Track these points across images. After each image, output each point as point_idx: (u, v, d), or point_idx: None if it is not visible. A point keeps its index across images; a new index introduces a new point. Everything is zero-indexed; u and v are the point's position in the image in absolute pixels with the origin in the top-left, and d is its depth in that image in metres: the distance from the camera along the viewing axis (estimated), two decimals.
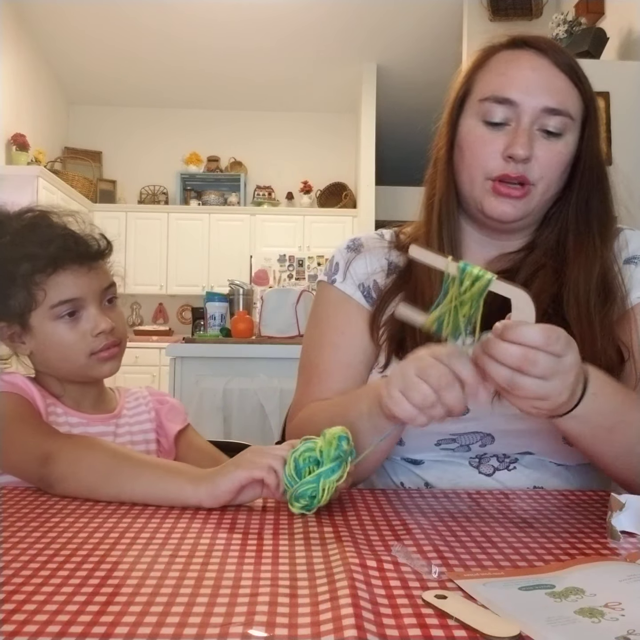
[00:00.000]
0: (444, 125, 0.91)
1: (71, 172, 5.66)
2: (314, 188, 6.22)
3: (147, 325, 5.99)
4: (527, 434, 0.83)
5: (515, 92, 0.82)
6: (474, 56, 0.90)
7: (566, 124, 0.83)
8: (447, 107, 0.91)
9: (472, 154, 0.85)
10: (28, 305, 0.88)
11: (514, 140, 0.81)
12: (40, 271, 0.87)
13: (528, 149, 0.81)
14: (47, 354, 0.91)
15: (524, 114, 0.82)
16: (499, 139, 0.83)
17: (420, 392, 0.63)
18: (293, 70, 5.57)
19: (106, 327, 0.91)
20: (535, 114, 0.82)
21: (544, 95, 0.81)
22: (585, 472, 0.87)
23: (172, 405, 1.05)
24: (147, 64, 5.49)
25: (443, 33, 4.71)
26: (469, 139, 0.86)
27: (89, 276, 0.91)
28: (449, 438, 0.85)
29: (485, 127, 0.84)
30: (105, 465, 0.73)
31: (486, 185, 0.85)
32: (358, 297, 0.94)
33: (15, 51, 4.89)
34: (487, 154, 0.84)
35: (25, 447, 0.78)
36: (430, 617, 0.45)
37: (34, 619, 0.44)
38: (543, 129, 0.82)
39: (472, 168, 0.85)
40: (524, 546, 0.60)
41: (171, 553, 0.57)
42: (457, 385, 0.63)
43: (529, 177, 0.82)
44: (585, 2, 3.14)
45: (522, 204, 0.84)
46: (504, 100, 0.82)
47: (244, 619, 0.44)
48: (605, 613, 0.45)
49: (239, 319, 2.72)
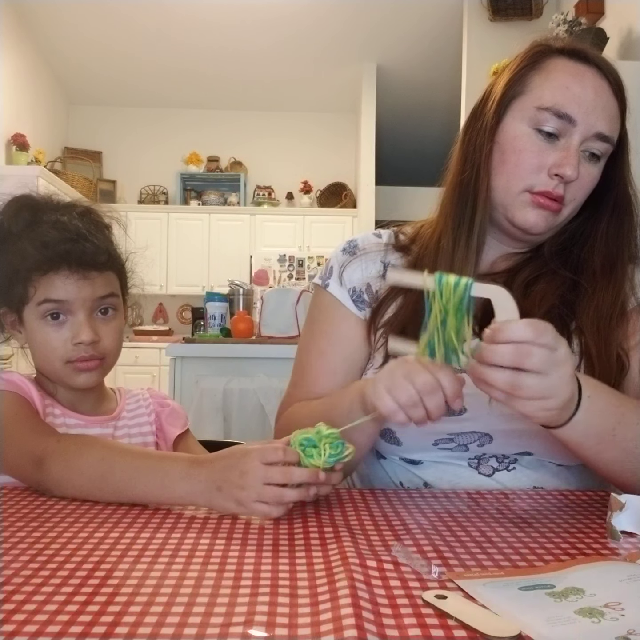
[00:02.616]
0: (486, 121, 0.86)
1: (71, 172, 5.66)
2: (314, 188, 6.22)
3: (147, 325, 5.99)
4: (525, 434, 0.83)
5: (578, 111, 0.81)
6: (525, 53, 0.86)
7: (607, 151, 0.84)
8: (492, 102, 0.86)
9: (517, 161, 0.83)
10: (22, 299, 0.89)
11: (566, 160, 0.80)
12: (37, 269, 0.88)
13: (576, 172, 0.80)
14: (33, 350, 0.92)
15: (578, 134, 0.81)
16: (549, 154, 0.82)
17: (405, 392, 0.66)
18: (293, 70, 5.57)
19: (86, 339, 0.88)
20: (588, 136, 0.81)
21: (601, 121, 0.81)
22: (584, 472, 0.87)
23: (172, 409, 1.05)
24: (147, 64, 5.49)
25: (443, 33, 4.71)
26: (515, 145, 0.83)
27: (81, 283, 0.88)
28: (446, 438, 0.85)
29: (537, 136, 0.82)
30: (97, 473, 0.72)
31: (523, 197, 0.83)
32: (349, 303, 0.94)
33: (15, 51, 4.89)
34: (534, 165, 0.82)
35: (21, 450, 0.77)
36: (431, 617, 0.45)
37: (34, 619, 0.44)
38: (588, 150, 0.82)
39: (513, 176, 0.83)
40: (524, 546, 0.60)
41: (171, 553, 0.57)
42: (440, 395, 0.66)
43: (566, 197, 0.83)
44: (585, 2, 3.14)
45: (553, 218, 0.84)
46: (565, 115, 0.81)
47: (244, 619, 0.44)
48: (605, 613, 0.45)
49: (239, 319, 2.72)
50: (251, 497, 0.65)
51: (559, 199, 0.82)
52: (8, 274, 0.89)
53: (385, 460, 0.91)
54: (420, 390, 0.66)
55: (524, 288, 0.87)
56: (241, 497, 0.65)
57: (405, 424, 0.68)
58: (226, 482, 0.66)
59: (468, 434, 0.84)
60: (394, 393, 0.67)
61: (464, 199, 0.87)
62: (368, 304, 0.93)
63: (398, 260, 0.95)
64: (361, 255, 0.96)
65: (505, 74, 0.87)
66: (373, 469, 0.94)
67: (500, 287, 0.62)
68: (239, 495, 0.65)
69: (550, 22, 3.01)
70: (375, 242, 0.98)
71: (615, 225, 0.88)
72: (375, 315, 0.91)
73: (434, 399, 0.66)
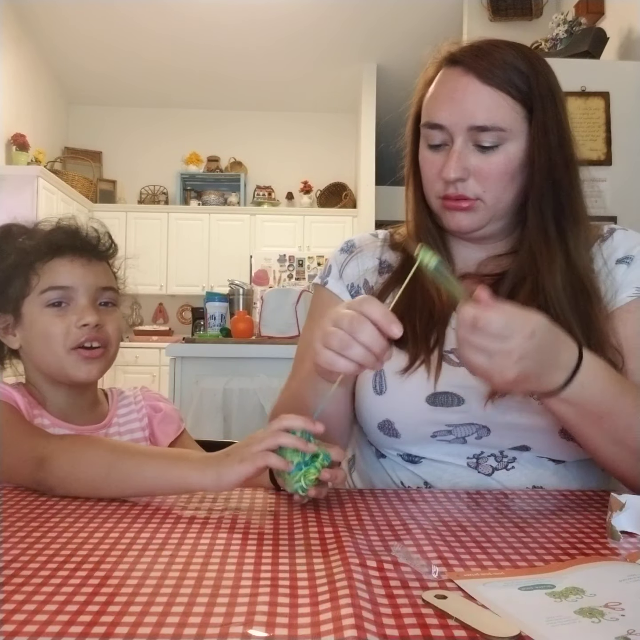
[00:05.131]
0: (405, 145, 0.95)
1: (71, 172, 5.66)
2: (314, 188, 6.22)
3: (147, 325, 5.99)
4: (522, 427, 0.83)
5: (443, 116, 0.84)
6: (426, 71, 0.91)
7: (500, 137, 0.83)
8: (408, 125, 0.95)
9: (424, 176, 0.90)
10: (22, 292, 0.89)
11: (446, 164, 0.84)
12: (39, 258, 0.88)
13: (457, 171, 0.83)
14: (32, 346, 0.91)
15: (455, 135, 0.84)
16: (438, 162, 0.86)
17: (335, 337, 0.68)
18: (293, 70, 5.57)
19: (92, 321, 0.89)
20: (465, 133, 0.84)
21: (467, 116, 0.83)
22: (583, 470, 0.87)
23: (165, 414, 1.03)
24: (147, 63, 5.49)
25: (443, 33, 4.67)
26: (420, 162, 0.90)
27: (86, 269, 0.91)
28: (444, 430, 0.85)
29: (428, 150, 0.88)
30: (105, 462, 0.72)
31: (438, 203, 0.89)
32: (346, 297, 0.96)
33: (15, 51, 4.89)
34: (432, 176, 0.88)
35: (18, 453, 0.77)
36: (430, 617, 0.45)
37: (34, 619, 0.44)
38: (477, 144, 0.84)
39: (426, 189, 0.90)
40: (524, 546, 0.60)
41: (171, 553, 0.57)
42: (368, 324, 0.67)
43: (468, 194, 0.85)
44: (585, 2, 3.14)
45: (475, 215, 0.87)
46: (435, 125, 0.85)
47: (244, 619, 0.44)
48: (605, 613, 0.45)
49: (239, 319, 2.72)
50: (253, 449, 0.68)
51: (460, 197, 0.85)
52: (4, 274, 0.89)
53: (385, 459, 0.92)
54: (348, 329, 0.67)
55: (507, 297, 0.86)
56: (244, 452, 0.68)
57: (355, 370, 0.69)
58: (235, 448, 0.70)
59: (466, 425, 0.85)
60: (328, 342, 0.69)
61: (412, 209, 0.95)
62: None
63: (393, 257, 0.98)
64: (358, 253, 1.00)
65: (415, 96, 0.93)
66: (373, 468, 0.94)
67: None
68: (243, 451, 0.68)
69: (550, 22, 3.01)
70: (372, 240, 1.02)
71: (537, 202, 0.86)
72: None
73: (364, 332, 0.67)
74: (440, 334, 0.87)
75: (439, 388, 0.84)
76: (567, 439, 0.81)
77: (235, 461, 0.68)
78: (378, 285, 0.96)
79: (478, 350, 0.65)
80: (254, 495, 0.76)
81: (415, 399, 0.85)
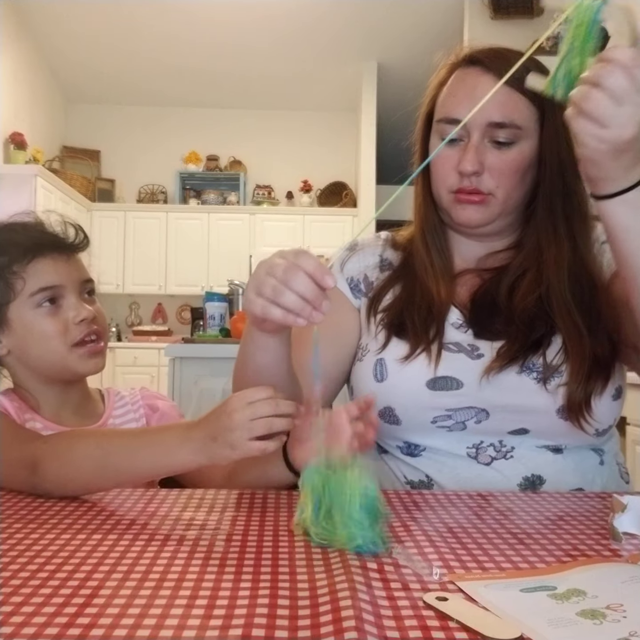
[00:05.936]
0: (415, 143, 0.98)
1: (69, 171, 5.65)
2: (314, 187, 6.22)
3: (146, 325, 5.99)
4: (521, 410, 0.85)
5: (462, 112, 0.86)
6: (439, 73, 0.95)
7: (515, 134, 0.87)
8: (418, 124, 0.98)
9: (435, 171, 0.92)
10: (6, 297, 0.87)
11: (463, 157, 0.88)
12: (18, 260, 0.87)
13: (474, 164, 0.87)
14: (27, 349, 0.90)
15: (473, 131, 0.88)
16: (453, 156, 0.89)
17: (268, 285, 0.68)
18: (293, 68, 5.57)
19: (88, 315, 0.90)
20: (482, 129, 0.87)
21: (487, 112, 0.85)
22: (581, 460, 0.88)
23: (162, 413, 1.02)
24: (145, 62, 5.48)
25: (444, 31, 4.70)
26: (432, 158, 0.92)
27: (69, 265, 0.91)
28: (444, 415, 0.87)
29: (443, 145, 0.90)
30: (94, 462, 0.72)
31: (449, 197, 0.91)
32: (346, 290, 0.99)
33: (13, 50, 4.89)
34: (445, 170, 0.90)
35: (11, 459, 0.76)
36: (431, 619, 0.45)
37: (32, 621, 0.44)
38: (494, 140, 0.88)
39: (437, 184, 0.92)
40: (526, 548, 0.60)
41: (170, 554, 0.56)
42: (302, 274, 0.67)
43: (482, 188, 0.88)
44: None
45: (485, 210, 0.90)
46: (453, 120, 0.88)
47: (243, 621, 0.44)
48: (607, 615, 0.45)
49: (238, 319, 2.72)
50: (243, 436, 0.65)
51: (474, 191, 0.89)
52: None
53: (387, 454, 0.94)
54: (282, 278, 0.67)
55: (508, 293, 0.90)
56: (234, 439, 0.65)
57: (291, 320, 0.67)
58: (218, 429, 0.66)
59: (465, 409, 0.86)
60: (261, 291, 0.69)
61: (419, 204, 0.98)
62: (364, 294, 0.99)
63: (394, 255, 1.01)
64: (359, 250, 1.03)
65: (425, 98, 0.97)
66: (377, 465, 0.95)
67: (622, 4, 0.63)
68: (232, 438, 0.65)
69: (552, 20, 3.01)
70: (374, 239, 1.06)
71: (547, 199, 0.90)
72: (374, 302, 0.97)
73: (297, 281, 0.66)
74: (440, 327, 0.90)
75: (439, 373, 0.86)
76: (564, 419, 0.84)
77: (226, 448, 0.66)
78: (378, 282, 0.98)
79: (613, 95, 0.61)
80: (252, 497, 0.75)
81: (416, 383, 0.87)
